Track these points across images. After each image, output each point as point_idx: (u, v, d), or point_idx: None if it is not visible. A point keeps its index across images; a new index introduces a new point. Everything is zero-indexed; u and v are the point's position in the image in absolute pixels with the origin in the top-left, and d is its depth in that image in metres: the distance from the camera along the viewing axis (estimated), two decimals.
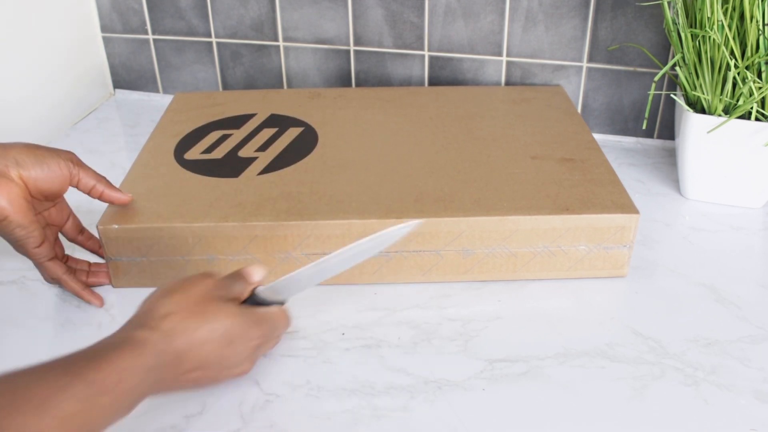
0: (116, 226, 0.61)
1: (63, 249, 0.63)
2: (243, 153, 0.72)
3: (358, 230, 0.61)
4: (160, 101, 1.03)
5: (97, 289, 0.64)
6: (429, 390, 0.53)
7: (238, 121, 0.79)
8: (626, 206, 0.63)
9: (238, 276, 0.52)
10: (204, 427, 0.51)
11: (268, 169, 0.69)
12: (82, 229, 0.65)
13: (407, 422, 0.51)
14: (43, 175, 0.57)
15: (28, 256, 0.60)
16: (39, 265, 0.61)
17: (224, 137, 0.76)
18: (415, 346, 0.58)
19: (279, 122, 0.79)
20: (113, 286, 0.64)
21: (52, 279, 0.62)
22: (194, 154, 0.73)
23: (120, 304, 0.63)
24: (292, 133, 0.76)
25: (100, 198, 0.62)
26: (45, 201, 0.60)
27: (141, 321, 0.47)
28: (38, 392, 0.38)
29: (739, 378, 0.54)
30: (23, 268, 0.66)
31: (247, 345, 0.50)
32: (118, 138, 0.93)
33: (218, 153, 0.73)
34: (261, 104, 0.83)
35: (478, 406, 0.52)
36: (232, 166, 0.70)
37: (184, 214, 0.62)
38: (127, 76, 1.04)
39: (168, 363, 0.45)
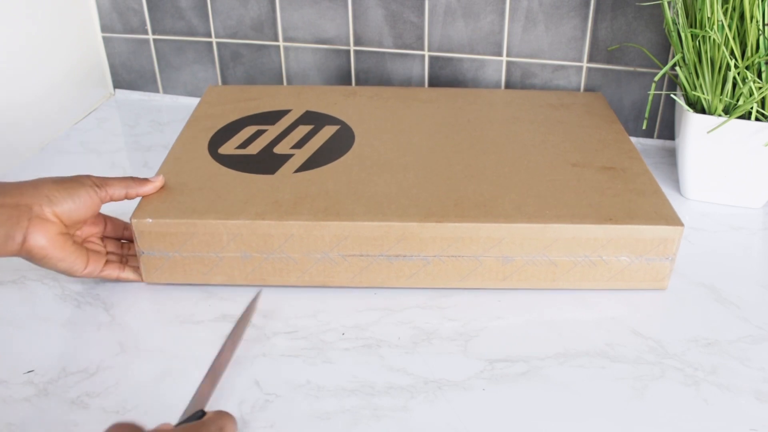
0: (150, 220, 0.60)
1: (118, 243, 0.65)
2: (278, 149, 0.72)
3: (397, 233, 0.60)
4: (160, 101, 1.03)
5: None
6: (429, 390, 0.53)
7: (272, 117, 0.79)
8: (670, 218, 0.61)
9: None
10: None
11: (304, 167, 0.69)
12: (126, 226, 0.66)
13: (407, 422, 0.51)
14: (75, 206, 0.58)
15: (81, 277, 0.62)
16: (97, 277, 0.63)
17: (259, 132, 0.75)
18: (415, 346, 0.58)
19: (314, 119, 0.78)
20: (144, 281, 0.64)
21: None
22: (229, 148, 0.72)
23: (120, 305, 0.63)
24: (328, 131, 0.75)
25: (137, 197, 0.63)
26: (80, 224, 0.61)
27: None
28: None
29: (739, 378, 0.54)
30: (23, 268, 0.66)
31: None
32: (118, 138, 0.93)
33: (253, 149, 0.72)
34: (296, 100, 0.82)
35: (478, 406, 0.52)
36: (267, 162, 0.69)
37: (219, 210, 0.61)
38: (127, 76, 1.04)
39: None
